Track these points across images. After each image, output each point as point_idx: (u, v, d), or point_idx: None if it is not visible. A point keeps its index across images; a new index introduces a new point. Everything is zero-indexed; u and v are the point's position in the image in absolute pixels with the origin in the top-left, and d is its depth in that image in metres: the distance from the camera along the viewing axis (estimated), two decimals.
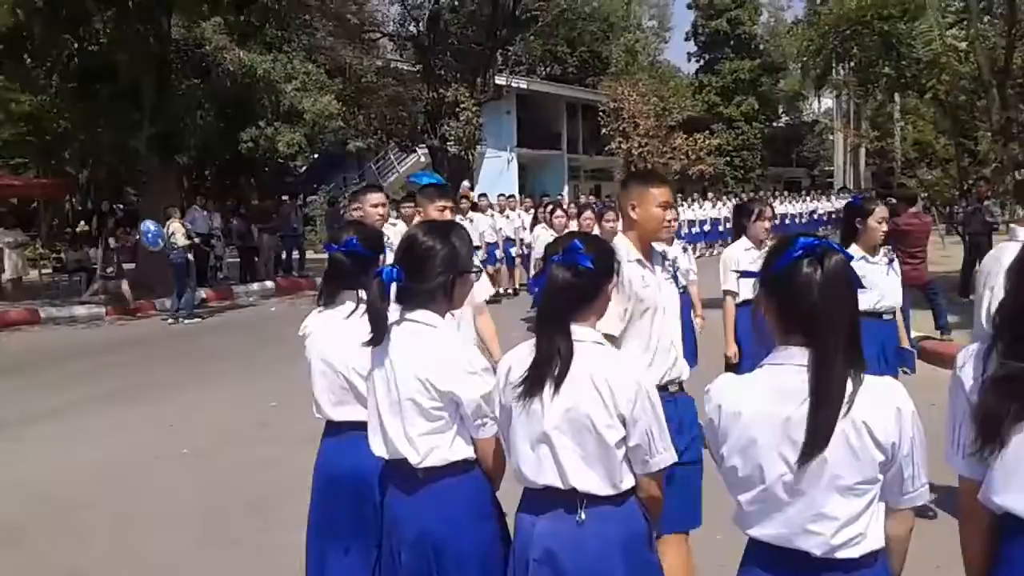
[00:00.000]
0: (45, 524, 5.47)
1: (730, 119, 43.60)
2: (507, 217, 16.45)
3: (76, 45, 16.87)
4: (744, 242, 6.19)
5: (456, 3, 29.06)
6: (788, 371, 1.94)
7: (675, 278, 3.70)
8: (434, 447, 2.54)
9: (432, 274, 2.59)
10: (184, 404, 8.51)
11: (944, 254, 12.78)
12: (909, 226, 9.07)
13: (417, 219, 5.09)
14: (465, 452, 2.57)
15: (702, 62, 47.45)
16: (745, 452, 1.98)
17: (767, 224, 6.14)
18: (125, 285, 15.24)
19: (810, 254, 1.93)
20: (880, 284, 5.02)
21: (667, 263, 3.67)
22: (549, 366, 2.32)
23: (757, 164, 44.17)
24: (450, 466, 2.55)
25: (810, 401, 1.88)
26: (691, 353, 5.86)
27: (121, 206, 24.82)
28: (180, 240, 14.10)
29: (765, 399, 1.96)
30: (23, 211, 24.80)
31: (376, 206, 5.27)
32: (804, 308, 1.92)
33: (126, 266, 18.33)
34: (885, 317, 5.15)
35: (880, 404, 1.90)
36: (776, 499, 1.95)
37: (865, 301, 4.86)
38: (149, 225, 14.82)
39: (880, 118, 32.61)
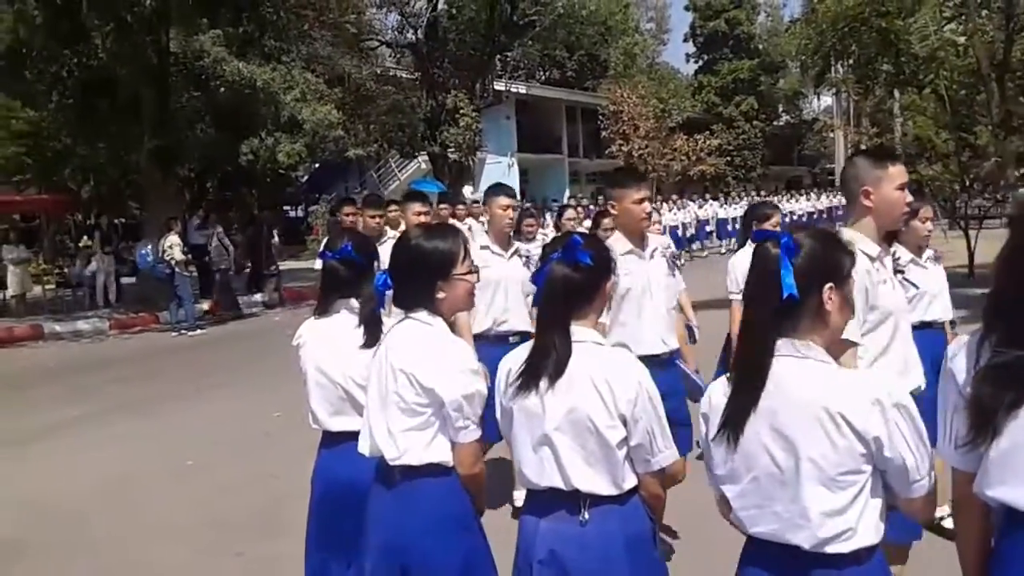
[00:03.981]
0: (47, 538, 5.45)
1: (730, 119, 43.61)
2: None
3: (76, 60, 16.90)
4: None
5: (454, 10, 29.12)
6: None
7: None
8: (412, 445, 2.51)
9: (417, 277, 2.57)
10: (188, 416, 8.50)
11: (947, 248, 12.73)
12: None
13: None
14: (443, 455, 2.52)
15: (701, 63, 47.52)
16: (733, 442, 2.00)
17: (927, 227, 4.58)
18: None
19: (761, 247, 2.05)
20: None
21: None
22: (545, 360, 2.31)
23: (758, 163, 44.17)
24: (426, 467, 2.51)
25: None
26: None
27: (122, 220, 24.82)
28: (177, 254, 14.12)
29: None
30: (26, 227, 24.83)
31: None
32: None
33: (125, 280, 18.39)
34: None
35: (857, 396, 1.88)
36: (762, 491, 1.96)
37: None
38: (144, 251, 15.30)
39: (880, 114, 32.54)
